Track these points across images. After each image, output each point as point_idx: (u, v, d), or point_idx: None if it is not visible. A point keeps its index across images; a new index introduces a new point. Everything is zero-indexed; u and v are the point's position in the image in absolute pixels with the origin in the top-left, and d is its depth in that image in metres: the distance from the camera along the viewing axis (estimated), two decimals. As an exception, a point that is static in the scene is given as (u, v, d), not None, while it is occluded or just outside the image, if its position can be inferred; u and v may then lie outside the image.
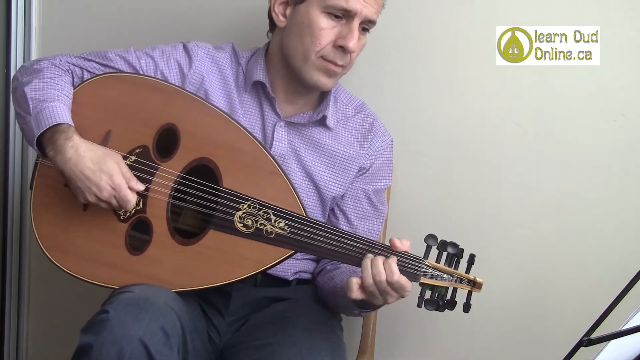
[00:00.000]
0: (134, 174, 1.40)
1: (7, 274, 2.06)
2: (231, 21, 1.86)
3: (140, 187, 1.39)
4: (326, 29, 1.43)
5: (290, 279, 1.57)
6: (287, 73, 1.51)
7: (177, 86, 1.50)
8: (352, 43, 1.43)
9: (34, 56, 2.01)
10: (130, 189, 1.37)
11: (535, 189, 1.74)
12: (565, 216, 1.73)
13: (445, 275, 1.34)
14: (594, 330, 1.09)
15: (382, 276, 1.30)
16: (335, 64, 1.46)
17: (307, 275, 1.60)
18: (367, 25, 1.47)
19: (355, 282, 1.32)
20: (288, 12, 1.48)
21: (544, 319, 1.75)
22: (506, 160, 1.75)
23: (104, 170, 1.35)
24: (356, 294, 1.32)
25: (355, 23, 1.43)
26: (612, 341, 1.08)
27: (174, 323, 1.29)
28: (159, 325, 1.26)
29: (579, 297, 1.71)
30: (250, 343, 1.45)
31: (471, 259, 1.36)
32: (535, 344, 1.75)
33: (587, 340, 1.06)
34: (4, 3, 2.00)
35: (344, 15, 1.43)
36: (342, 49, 1.44)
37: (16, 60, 2.00)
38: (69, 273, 1.42)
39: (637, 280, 1.13)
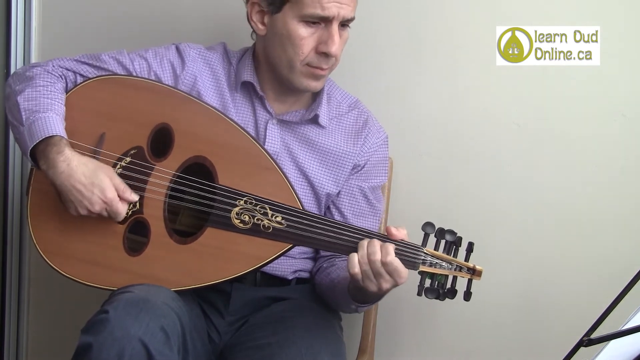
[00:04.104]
0: (129, 175, 1.42)
1: (7, 274, 2.06)
2: (225, 22, 1.86)
3: (135, 198, 1.40)
4: (306, 37, 1.44)
5: (290, 278, 1.57)
6: (275, 76, 1.52)
7: (169, 86, 1.50)
8: (334, 48, 1.44)
9: (33, 56, 2.01)
10: (124, 200, 1.38)
11: (535, 188, 1.74)
12: (565, 216, 1.73)
13: (444, 263, 1.34)
14: (594, 330, 1.08)
15: (377, 256, 1.30)
16: (321, 69, 1.47)
17: (306, 275, 1.60)
18: (345, 22, 1.47)
19: (356, 256, 1.32)
20: (266, 20, 1.48)
21: (544, 318, 1.75)
22: (506, 160, 1.75)
23: (96, 184, 1.36)
24: (357, 268, 1.31)
25: (334, 26, 1.43)
26: (612, 341, 1.08)
27: (174, 323, 1.29)
28: (159, 325, 1.26)
29: (579, 297, 1.71)
30: (250, 343, 1.45)
31: (470, 247, 1.36)
32: (535, 344, 1.75)
33: (587, 340, 1.05)
34: (4, 3, 2.00)
35: (321, 20, 1.43)
36: (325, 54, 1.45)
37: (16, 60, 2.00)
38: (68, 277, 1.43)
39: (637, 280, 1.12)
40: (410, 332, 1.84)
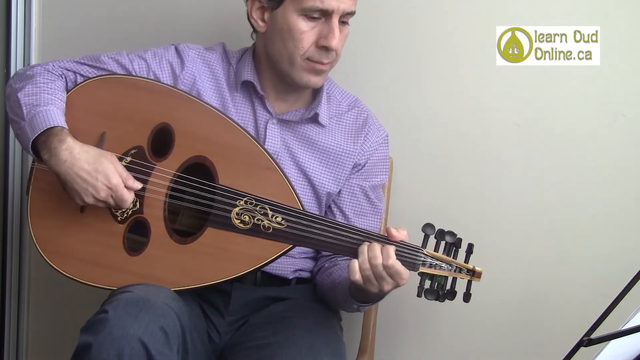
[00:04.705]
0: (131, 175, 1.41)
1: (7, 274, 2.06)
2: (225, 22, 1.86)
3: (138, 185, 1.40)
4: (307, 31, 1.44)
5: (290, 277, 1.57)
6: (275, 74, 1.52)
7: (170, 86, 1.50)
8: (334, 42, 1.44)
9: (33, 57, 2.01)
10: (128, 187, 1.38)
11: (535, 188, 1.74)
12: (565, 216, 1.73)
13: (444, 265, 1.34)
14: (594, 330, 1.08)
15: (379, 260, 1.30)
16: (322, 63, 1.47)
17: (306, 274, 1.60)
18: (346, 17, 1.47)
19: (357, 263, 1.32)
20: (266, 17, 1.48)
21: (543, 318, 1.75)
22: (506, 160, 1.75)
23: (100, 170, 1.36)
24: (358, 275, 1.32)
25: (334, 20, 1.44)
26: (612, 341, 1.08)
27: (173, 323, 1.29)
28: (159, 325, 1.26)
29: (579, 297, 1.71)
30: (250, 343, 1.45)
31: (470, 249, 1.36)
32: (535, 344, 1.75)
33: (587, 340, 1.05)
34: (4, 3, 2.00)
35: (321, 14, 1.44)
36: (326, 48, 1.45)
37: (16, 61, 2.00)
38: (68, 276, 1.42)
39: (637, 280, 1.12)
40: (410, 332, 1.84)
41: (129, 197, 1.38)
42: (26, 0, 1.99)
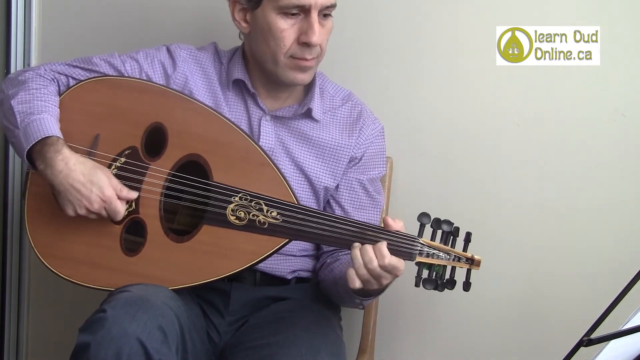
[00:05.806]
0: (125, 175, 1.42)
1: (7, 274, 2.06)
2: (219, 22, 1.86)
3: (133, 195, 1.41)
4: (287, 29, 1.44)
5: (289, 277, 1.57)
6: (264, 73, 1.52)
7: (162, 85, 1.51)
8: (314, 37, 1.43)
9: (33, 57, 2.01)
10: (122, 198, 1.39)
11: (535, 188, 1.73)
12: (565, 216, 1.72)
13: (441, 254, 1.33)
14: (594, 330, 1.08)
15: (374, 262, 1.30)
16: (306, 60, 1.46)
17: (305, 274, 1.60)
18: (327, 11, 1.46)
19: (354, 271, 1.32)
20: (248, 18, 1.49)
21: (544, 318, 1.74)
22: (506, 160, 1.74)
23: (95, 182, 1.36)
24: (358, 283, 1.32)
25: (313, 15, 1.43)
26: (612, 341, 1.08)
27: (172, 322, 1.29)
28: (157, 324, 1.26)
29: (579, 297, 1.71)
30: (250, 343, 1.45)
31: (467, 237, 1.35)
32: (535, 344, 1.75)
33: (587, 340, 1.05)
34: (4, 3, 2.00)
35: (300, 10, 1.43)
36: (308, 44, 1.44)
37: (16, 61, 2.01)
38: (66, 279, 1.43)
39: (637, 280, 1.12)
40: (411, 332, 1.83)
41: (121, 210, 1.39)
42: (26, 0, 1.99)
